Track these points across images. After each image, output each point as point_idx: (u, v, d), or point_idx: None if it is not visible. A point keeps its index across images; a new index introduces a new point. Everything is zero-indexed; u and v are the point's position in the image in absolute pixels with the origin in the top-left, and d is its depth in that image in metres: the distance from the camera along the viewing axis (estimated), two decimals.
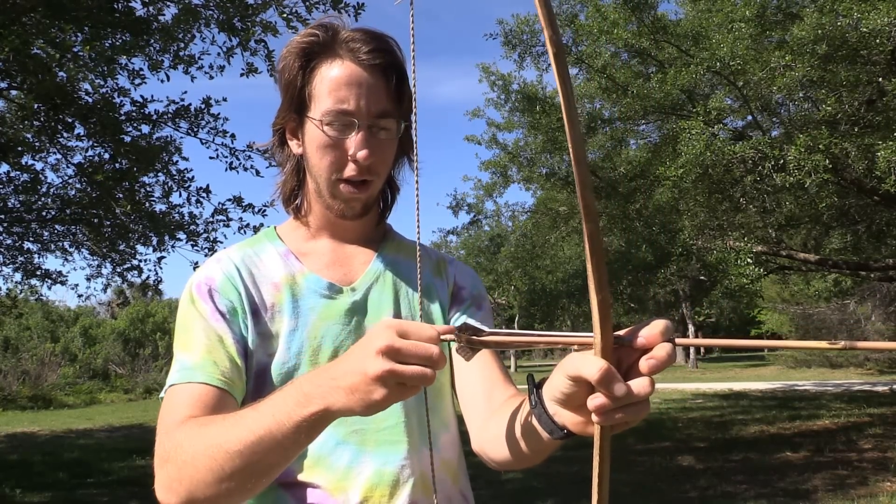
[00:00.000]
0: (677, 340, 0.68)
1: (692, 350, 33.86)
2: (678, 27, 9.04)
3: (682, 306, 23.11)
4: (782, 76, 7.23)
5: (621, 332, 0.67)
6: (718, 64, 7.74)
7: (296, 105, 1.08)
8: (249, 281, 1.08)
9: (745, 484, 6.97)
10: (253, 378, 1.05)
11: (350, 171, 1.06)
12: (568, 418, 0.75)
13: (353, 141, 1.04)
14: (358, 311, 1.11)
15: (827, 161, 6.88)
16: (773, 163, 7.31)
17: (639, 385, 0.65)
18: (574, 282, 11.70)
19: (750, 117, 9.18)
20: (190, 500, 0.86)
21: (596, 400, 0.65)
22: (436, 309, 1.16)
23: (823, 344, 0.69)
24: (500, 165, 12.23)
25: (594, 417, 0.66)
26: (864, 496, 6.14)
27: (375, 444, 1.05)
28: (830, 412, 12.18)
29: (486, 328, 0.75)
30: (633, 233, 10.54)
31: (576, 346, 0.70)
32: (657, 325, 0.67)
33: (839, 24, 6.84)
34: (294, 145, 1.13)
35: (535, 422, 0.80)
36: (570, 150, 0.58)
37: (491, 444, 0.99)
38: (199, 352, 1.01)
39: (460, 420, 1.17)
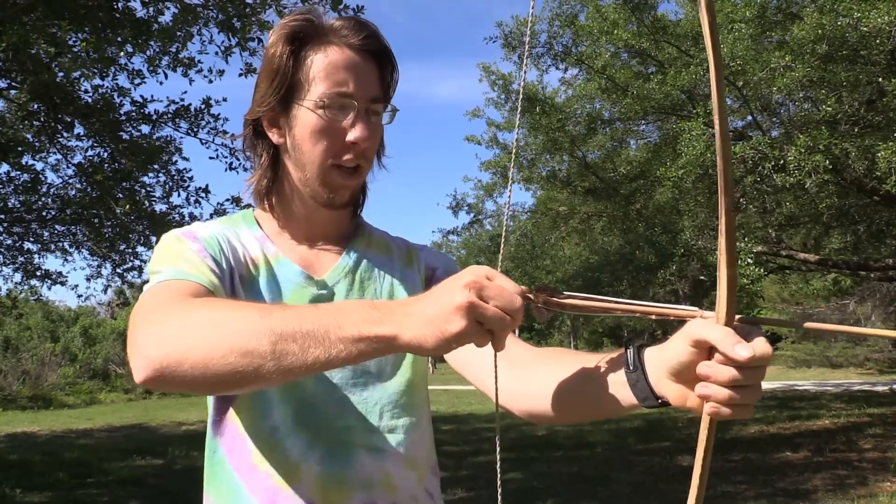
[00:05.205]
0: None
1: None
2: (678, 27, 9.05)
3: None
4: (782, 76, 7.23)
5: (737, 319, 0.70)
6: None
7: (284, 92, 1.04)
8: (228, 249, 1.07)
9: (745, 484, 6.96)
10: None
11: (347, 155, 1.05)
12: (671, 389, 0.77)
13: (351, 123, 1.03)
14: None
15: (827, 161, 6.87)
16: (773, 163, 7.31)
17: (760, 347, 0.68)
18: (574, 282, 11.69)
19: (750, 117, 9.18)
20: (179, 360, 0.78)
21: (707, 368, 0.69)
22: None
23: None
24: (500, 165, 12.23)
25: (701, 390, 0.70)
26: (864, 496, 6.13)
27: (330, 443, 1.02)
28: (830, 412, 12.16)
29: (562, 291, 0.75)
30: (634, 233, 10.54)
31: (672, 318, 0.72)
32: (761, 346, 0.69)
33: (839, 23, 6.84)
34: (275, 135, 1.08)
35: (626, 386, 0.81)
36: (716, 120, 0.58)
37: (527, 398, 0.97)
38: (188, 263, 0.97)
39: (434, 419, 1.16)
